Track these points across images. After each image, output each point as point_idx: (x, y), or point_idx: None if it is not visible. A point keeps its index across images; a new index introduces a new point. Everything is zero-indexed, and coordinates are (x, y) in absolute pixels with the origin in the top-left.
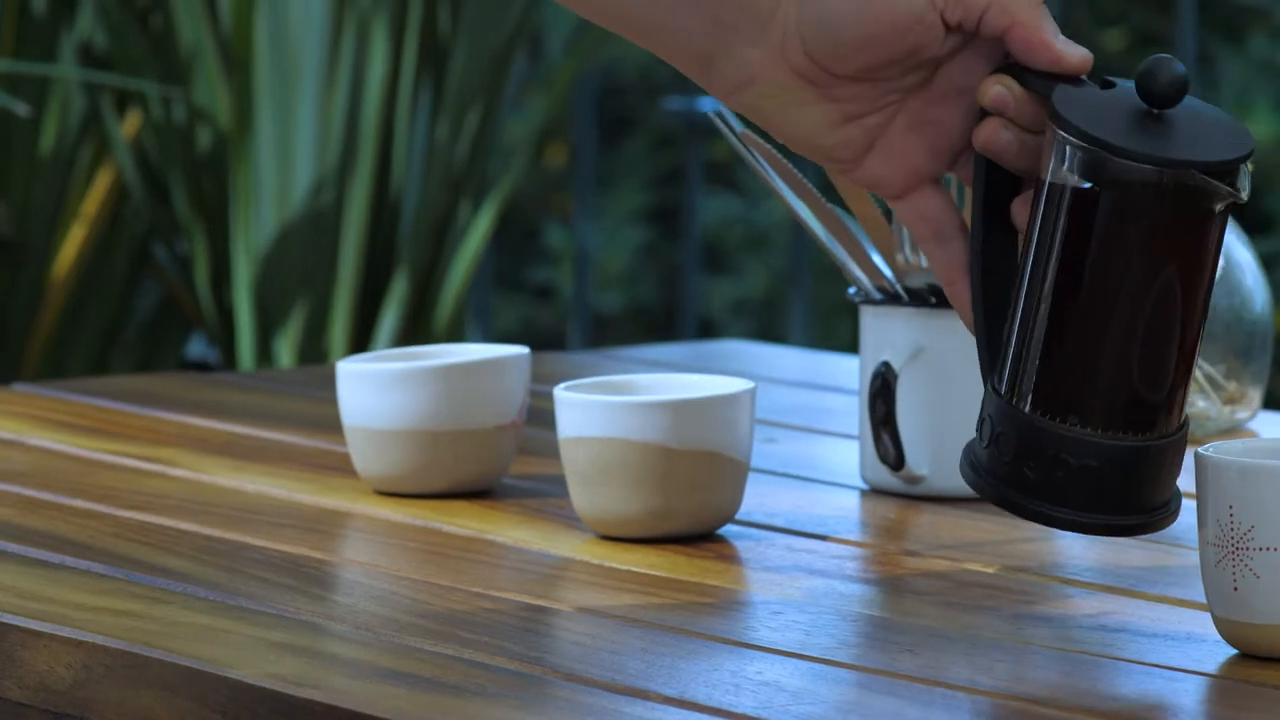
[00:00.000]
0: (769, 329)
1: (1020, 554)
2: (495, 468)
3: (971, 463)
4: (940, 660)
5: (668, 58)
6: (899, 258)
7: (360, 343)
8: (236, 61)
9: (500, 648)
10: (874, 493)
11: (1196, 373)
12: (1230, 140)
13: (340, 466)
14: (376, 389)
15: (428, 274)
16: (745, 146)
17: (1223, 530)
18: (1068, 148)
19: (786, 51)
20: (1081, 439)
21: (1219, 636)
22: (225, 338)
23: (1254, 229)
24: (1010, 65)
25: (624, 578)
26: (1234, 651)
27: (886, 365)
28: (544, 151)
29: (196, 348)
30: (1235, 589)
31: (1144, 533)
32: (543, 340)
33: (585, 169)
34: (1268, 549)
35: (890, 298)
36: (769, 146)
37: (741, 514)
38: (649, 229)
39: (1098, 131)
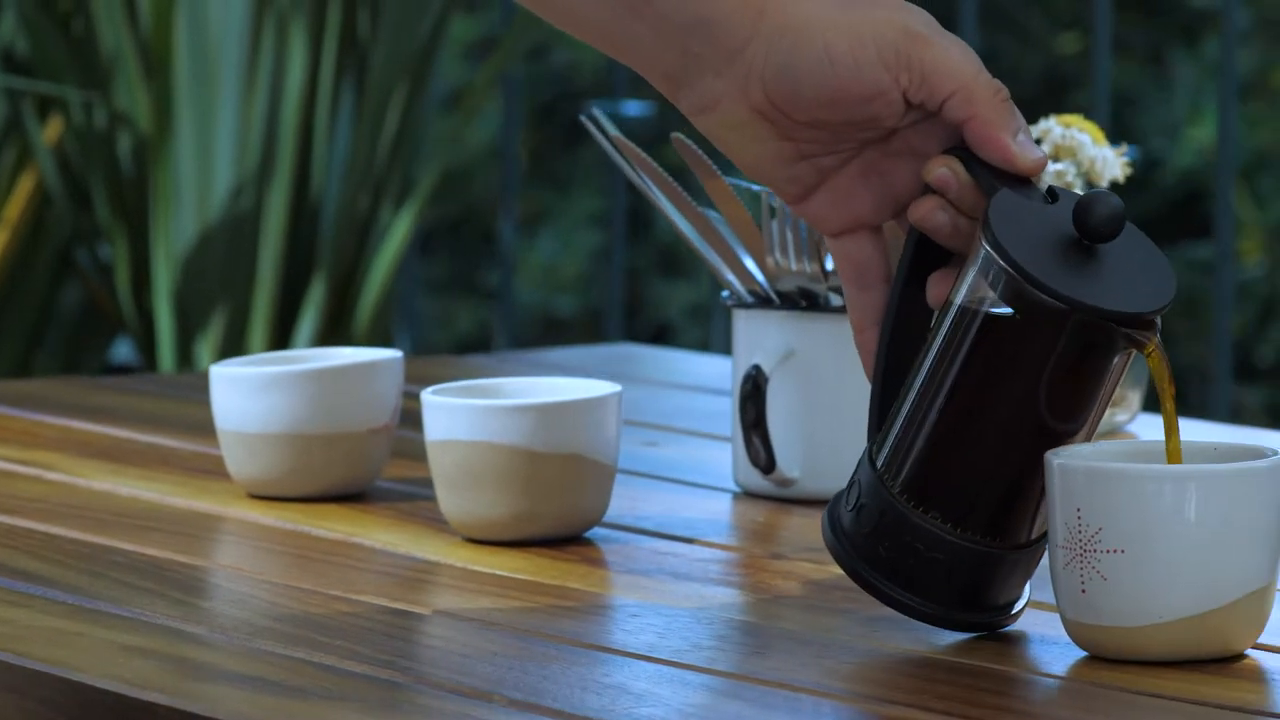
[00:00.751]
0: (726, 335)
1: None
2: (368, 471)
3: (832, 521)
4: (789, 663)
5: (639, 72)
6: (770, 261)
7: (280, 346)
8: (156, 66)
9: (352, 651)
10: (746, 496)
11: None
12: (1152, 289)
13: (218, 470)
14: (249, 393)
15: (348, 277)
16: (616, 150)
17: (1071, 533)
18: (989, 261)
19: (748, 89)
20: (937, 533)
21: (1070, 639)
22: (147, 341)
23: (1197, 234)
24: (964, 147)
25: (486, 581)
26: (1084, 654)
27: (757, 368)
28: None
29: (122, 351)
30: (1083, 591)
31: (980, 630)
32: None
33: (512, 175)
34: (1115, 551)
35: (762, 301)
36: (639, 151)
37: (611, 517)
38: (606, 233)
39: (1020, 255)
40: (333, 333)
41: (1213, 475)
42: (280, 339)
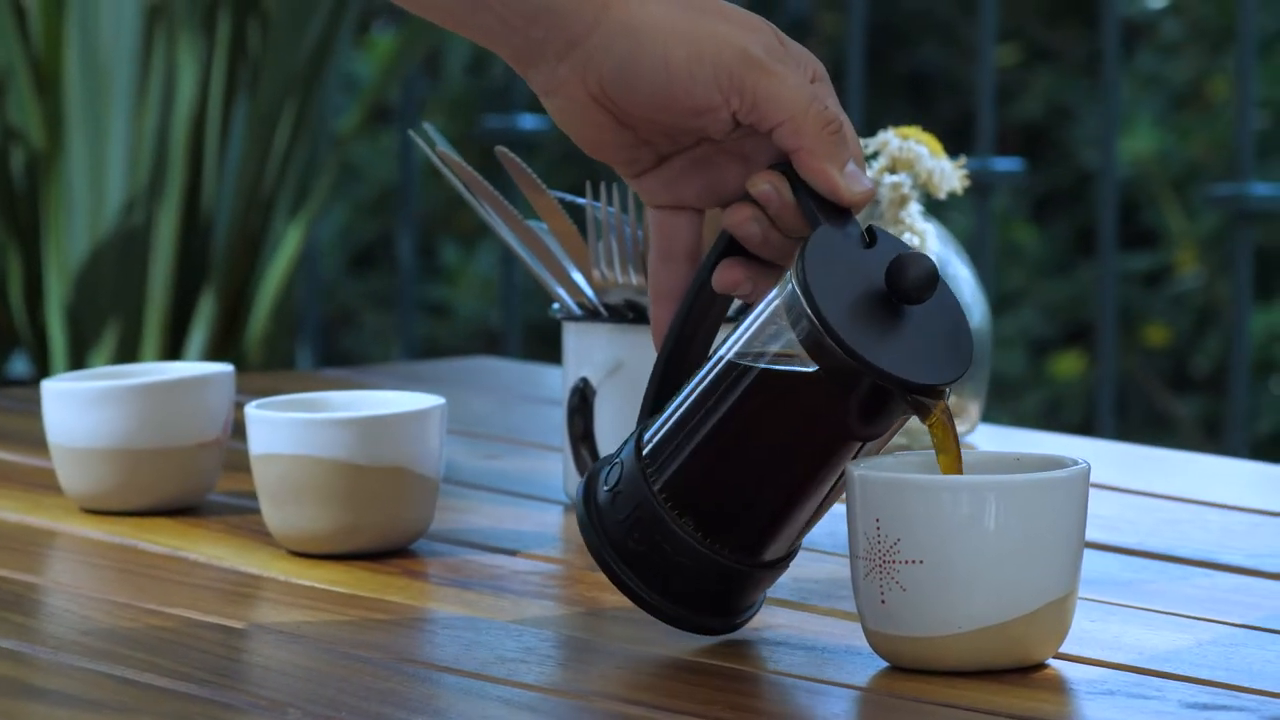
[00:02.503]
0: None
1: None
2: (199, 485)
3: (588, 494)
4: (584, 674)
5: (492, 49)
6: (596, 274)
7: (173, 359)
8: (47, 82)
9: (153, 664)
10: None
11: None
12: (946, 360)
13: (54, 485)
14: (79, 407)
15: (240, 291)
16: (443, 164)
17: (870, 544)
18: (796, 301)
19: (586, 79)
20: (689, 541)
21: (871, 649)
22: (41, 355)
23: (1136, 244)
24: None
25: (305, 594)
26: (885, 664)
27: (585, 381)
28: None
29: (19, 365)
30: (883, 602)
31: (714, 634)
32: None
33: (410, 190)
34: (913, 562)
35: (590, 314)
36: (467, 166)
37: (440, 529)
38: None
39: (827, 305)
40: (225, 346)
41: (1011, 486)
42: (172, 352)
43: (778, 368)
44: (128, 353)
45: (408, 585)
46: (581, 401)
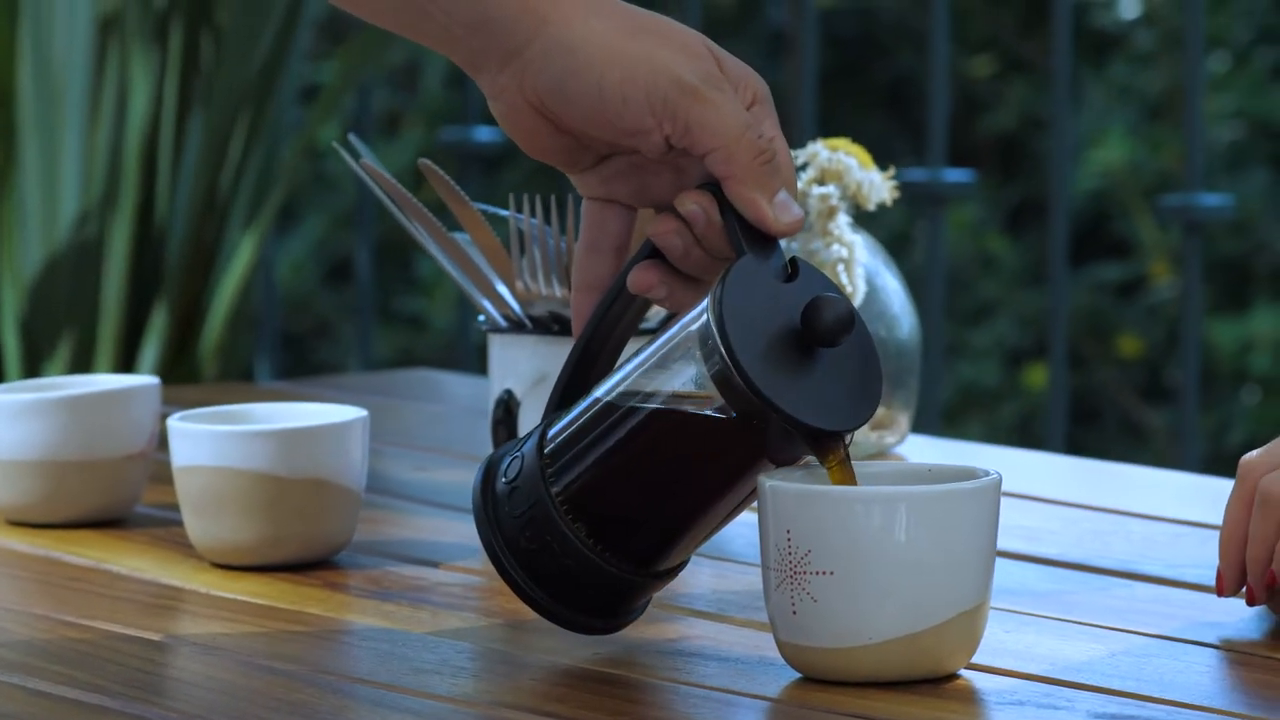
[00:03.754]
0: None
1: None
2: (125, 497)
3: (485, 481)
4: (497, 685)
5: (442, 54)
6: (520, 285)
7: (127, 371)
8: (0, 94)
9: (69, 677)
10: None
11: None
12: (855, 403)
13: None
14: (4, 420)
15: (194, 303)
16: (368, 177)
17: (781, 555)
18: (709, 334)
19: (525, 90)
20: (576, 545)
21: (783, 660)
22: None
23: (1109, 254)
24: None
25: (224, 606)
26: (797, 675)
27: (509, 393)
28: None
29: None
30: (794, 613)
31: (596, 634)
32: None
33: (367, 201)
34: (824, 573)
35: (514, 326)
36: (390, 178)
37: (364, 541)
38: None
39: (739, 342)
40: (180, 357)
41: (922, 497)
42: (126, 364)
43: (685, 398)
44: (82, 364)
45: (328, 597)
46: (505, 413)
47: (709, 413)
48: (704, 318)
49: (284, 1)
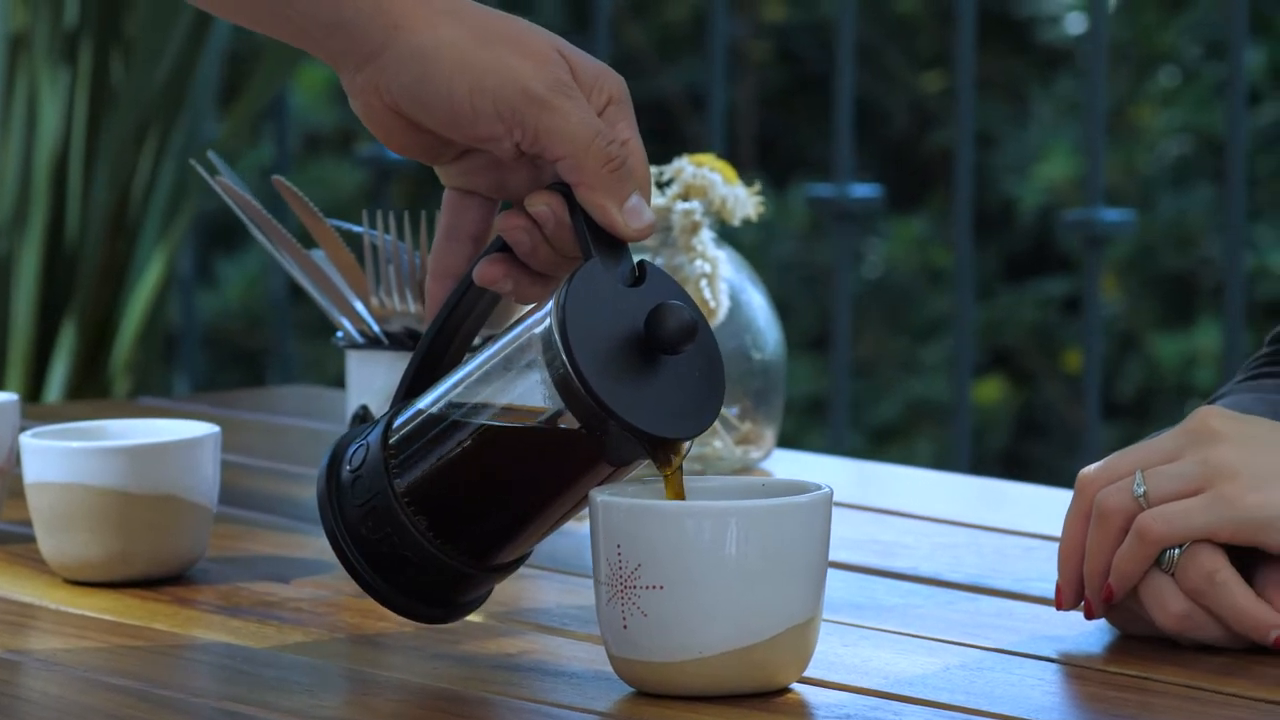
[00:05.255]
0: None
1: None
2: None
3: (330, 473)
4: (331, 699)
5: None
6: (374, 302)
7: (36, 391)
8: None
9: None
10: None
11: None
12: (695, 411)
13: None
14: None
15: (104, 321)
16: (226, 196)
17: (612, 569)
18: (551, 339)
19: (380, 92)
20: (416, 536)
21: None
22: None
23: (1051, 269)
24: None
25: (72, 622)
26: (630, 689)
27: (365, 409)
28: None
29: None
30: (625, 627)
31: (433, 623)
32: None
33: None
34: (654, 587)
35: (371, 342)
36: (246, 195)
37: (218, 556)
38: None
39: (579, 346)
40: (88, 376)
41: (752, 511)
42: (36, 382)
43: (524, 408)
44: None
45: (176, 613)
46: None
47: (547, 421)
48: (547, 321)
49: (190, 14)
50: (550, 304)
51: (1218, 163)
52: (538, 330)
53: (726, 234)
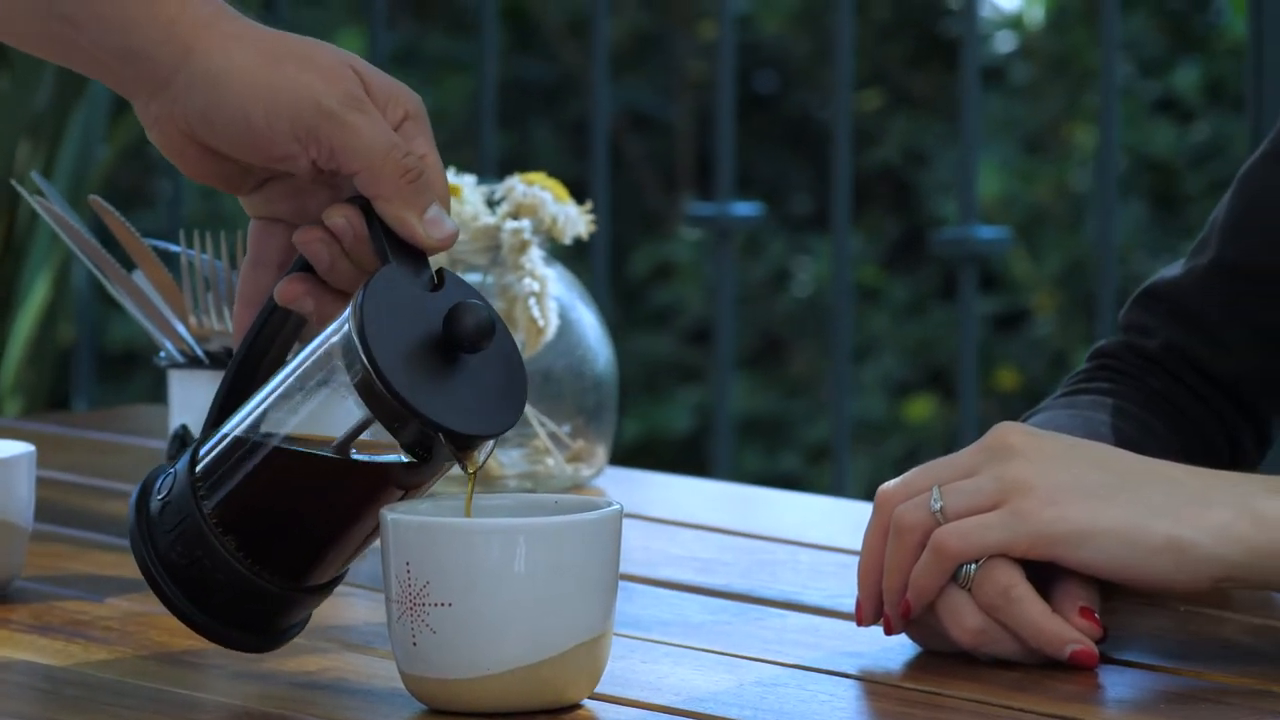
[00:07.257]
0: None
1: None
2: None
3: (140, 505)
4: (128, 717)
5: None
6: (193, 321)
7: None
8: None
9: None
10: None
11: (541, 431)
12: (496, 411)
13: None
14: None
15: None
16: (47, 216)
17: (401, 586)
18: (350, 344)
19: (175, 119)
20: (227, 558)
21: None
22: None
23: (986, 288)
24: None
25: None
26: (421, 707)
27: (184, 428)
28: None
29: None
30: (415, 644)
31: (251, 650)
32: None
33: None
34: (443, 605)
35: (191, 361)
36: (66, 217)
37: (36, 575)
38: None
39: (378, 346)
40: None
41: (541, 528)
42: None
43: (329, 413)
44: None
45: None
46: (181, 448)
47: (346, 436)
48: (344, 328)
49: None
50: (347, 311)
51: (1152, 180)
52: (335, 339)
53: (671, 251)
